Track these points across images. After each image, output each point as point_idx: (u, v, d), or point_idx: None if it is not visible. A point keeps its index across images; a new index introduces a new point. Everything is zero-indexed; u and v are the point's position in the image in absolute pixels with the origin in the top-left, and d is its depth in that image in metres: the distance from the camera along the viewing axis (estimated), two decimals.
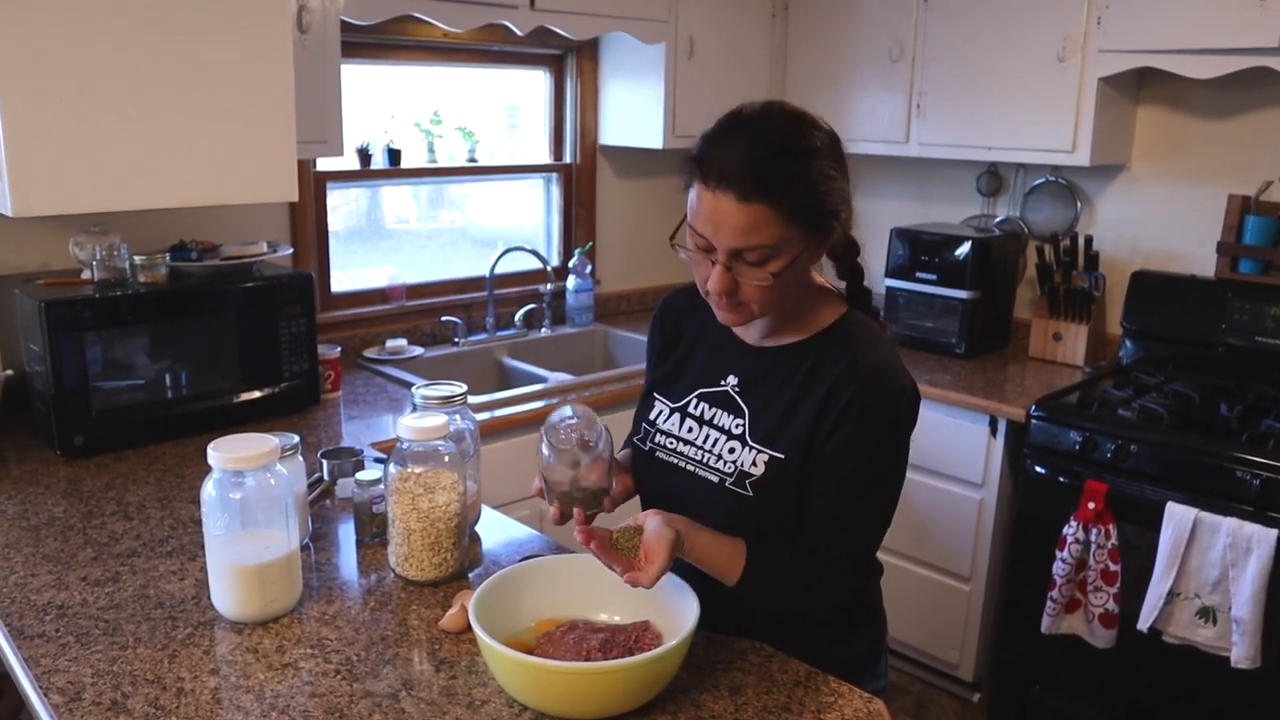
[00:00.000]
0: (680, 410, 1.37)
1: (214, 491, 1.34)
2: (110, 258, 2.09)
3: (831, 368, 1.25)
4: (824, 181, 1.17)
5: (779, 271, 1.18)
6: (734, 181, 1.13)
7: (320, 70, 2.25)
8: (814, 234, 1.19)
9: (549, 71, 3.31)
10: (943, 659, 2.93)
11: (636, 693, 1.14)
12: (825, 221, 1.19)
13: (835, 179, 1.19)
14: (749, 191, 1.13)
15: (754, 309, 1.23)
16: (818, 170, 1.17)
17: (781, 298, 1.23)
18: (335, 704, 1.18)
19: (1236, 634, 2.17)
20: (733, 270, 1.19)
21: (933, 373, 2.89)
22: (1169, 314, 2.81)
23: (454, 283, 3.15)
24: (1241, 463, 2.22)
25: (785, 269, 1.18)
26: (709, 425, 1.33)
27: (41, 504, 1.78)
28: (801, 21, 3.35)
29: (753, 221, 1.14)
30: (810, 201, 1.16)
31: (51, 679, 1.24)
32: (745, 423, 1.30)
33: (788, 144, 1.17)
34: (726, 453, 1.30)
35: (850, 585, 1.32)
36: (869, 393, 1.22)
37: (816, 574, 1.25)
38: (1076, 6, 2.68)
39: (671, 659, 1.15)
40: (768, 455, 1.27)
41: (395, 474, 1.44)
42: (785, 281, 1.20)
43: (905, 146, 3.14)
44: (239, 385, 2.22)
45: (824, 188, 1.17)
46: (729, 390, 1.33)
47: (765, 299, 1.21)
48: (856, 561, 1.30)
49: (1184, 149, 2.88)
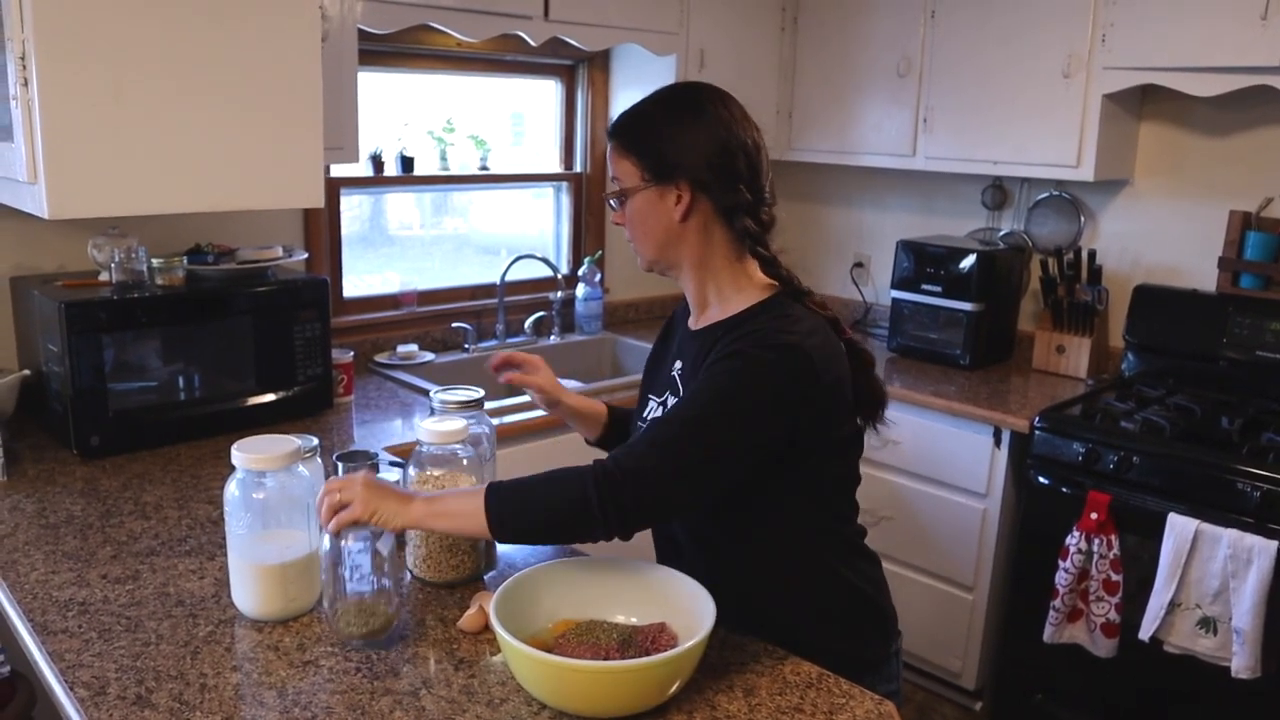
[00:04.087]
0: (661, 404, 1.47)
1: (237, 491, 1.36)
2: (128, 260, 2.12)
3: (726, 341, 1.32)
4: (660, 129, 1.37)
5: (621, 202, 1.39)
6: (609, 128, 1.43)
7: (337, 78, 2.28)
8: (648, 175, 1.36)
9: (560, 81, 3.35)
10: (945, 667, 2.95)
11: (653, 692, 1.17)
12: (658, 164, 1.35)
13: (679, 131, 1.35)
14: (610, 133, 1.42)
15: (635, 247, 1.43)
16: (658, 119, 1.38)
17: (645, 237, 1.40)
18: (356, 701, 1.20)
19: (1237, 644, 2.20)
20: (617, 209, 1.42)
21: (937, 384, 2.92)
22: (1171, 328, 2.84)
23: (465, 289, 3.18)
24: (1242, 475, 2.25)
25: (627, 200, 1.38)
26: (664, 409, 1.44)
27: (60, 503, 1.81)
28: (810, 35, 3.39)
29: (611, 157, 1.41)
30: (640, 140, 1.37)
31: (76, 673, 1.26)
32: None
33: (646, 101, 1.41)
34: None
35: (638, 491, 1.22)
36: (728, 350, 1.29)
37: (589, 474, 1.22)
38: (1081, 24, 2.72)
39: (687, 659, 1.17)
40: None
41: (414, 477, 1.46)
42: (640, 219, 1.38)
43: (912, 160, 3.17)
44: (253, 388, 2.25)
45: (656, 134, 1.36)
46: (674, 374, 1.45)
47: (633, 233, 1.41)
48: (644, 469, 1.22)
49: (1186, 165, 2.91)
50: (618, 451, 1.27)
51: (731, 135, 1.35)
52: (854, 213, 3.66)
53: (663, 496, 1.24)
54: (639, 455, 1.24)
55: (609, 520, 1.22)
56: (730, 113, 1.37)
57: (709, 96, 1.38)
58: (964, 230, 3.39)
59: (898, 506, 2.94)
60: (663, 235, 1.38)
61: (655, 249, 1.40)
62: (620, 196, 1.39)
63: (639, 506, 1.23)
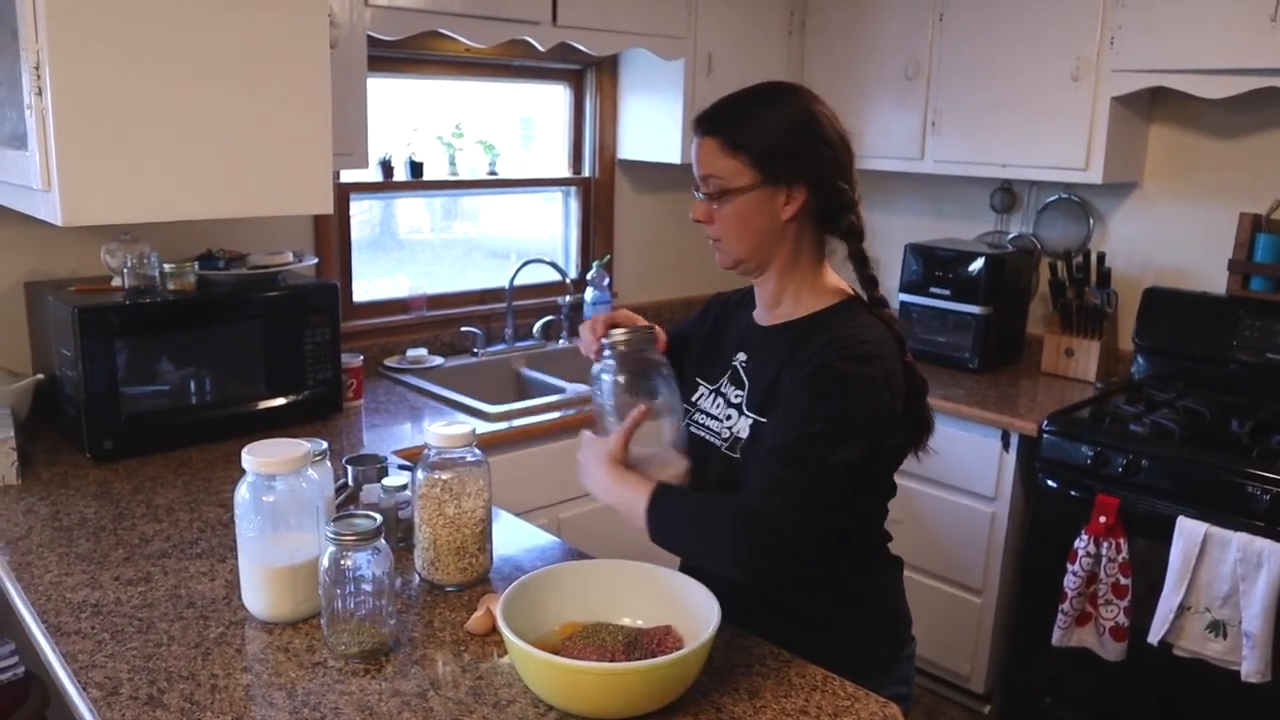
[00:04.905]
0: (715, 391, 1.47)
1: (247, 494, 1.37)
2: (140, 266, 2.14)
3: (810, 342, 1.34)
4: (775, 130, 1.34)
5: (725, 199, 1.35)
6: (699, 122, 1.39)
7: (347, 84, 2.30)
8: (761, 175, 1.33)
9: (569, 86, 3.36)
10: (954, 670, 2.94)
11: (659, 693, 1.18)
12: (778, 161, 1.33)
13: (793, 132, 1.34)
14: (705, 128, 1.37)
15: (727, 246, 1.39)
16: (771, 119, 1.34)
17: (741, 237, 1.37)
18: (365, 702, 1.22)
19: (1247, 648, 2.19)
20: (706, 202, 1.38)
21: (946, 387, 2.92)
22: (1181, 330, 2.83)
23: (473, 294, 3.19)
24: (1252, 478, 2.24)
25: (731, 199, 1.34)
26: (722, 397, 1.45)
27: (73, 505, 1.83)
28: (818, 39, 3.39)
29: (708, 153, 1.36)
30: (753, 139, 1.33)
31: (89, 674, 1.27)
32: (744, 393, 1.41)
33: (745, 97, 1.38)
34: (726, 420, 1.42)
35: (787, 529, 1.24)
36: (821, 354, 1.30)
37: (738, 513, 1.24)
38: (1090, 26, 2.72)
39: (693, 661, 1.18)
40: (752, 420, 1.37)
41: (422, 480, 1.47)
42: (741, 218, 1.35)
43: (920, 163, 3.17)
44: (264, 392, 2.27)
45: (773, 134, 1.33)
46: (737, 365, 1.45)
47: (725, 232, 1.37)
48: (788, 506, 1.24)
49: (1196, 168, 2.90)
50: (758, 503, 1.24)
51: (837, 134, 1.37)
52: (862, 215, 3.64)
53: (799, 545, 1.26)
54: (779, 514, 1.23)
55: (750, 571, 1.25)
56: (829, 110, 1.38)
57: (809, 95, 1.38)
58: (972, 233, 3.39)
59: (906, 510, 2.94)
60: (762, 235, 1.37)
61: (750, 249, 1.38)
62: (721, 196, 1.35)
63: (778, 561, 1.25)
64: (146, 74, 1.63)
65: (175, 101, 1.66)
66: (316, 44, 1.80)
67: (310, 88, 1.80)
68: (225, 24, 1.69)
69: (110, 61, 1.59)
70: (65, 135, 1.56)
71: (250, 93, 1.73)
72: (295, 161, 1.79)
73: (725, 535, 1.24)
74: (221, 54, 1.70)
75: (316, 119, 1.81)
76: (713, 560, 1.28)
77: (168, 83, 1.65)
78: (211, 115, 1.70)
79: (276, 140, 1.77)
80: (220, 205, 1.75)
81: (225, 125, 1.72)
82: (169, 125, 1.66)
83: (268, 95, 1.75)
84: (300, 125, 1.80)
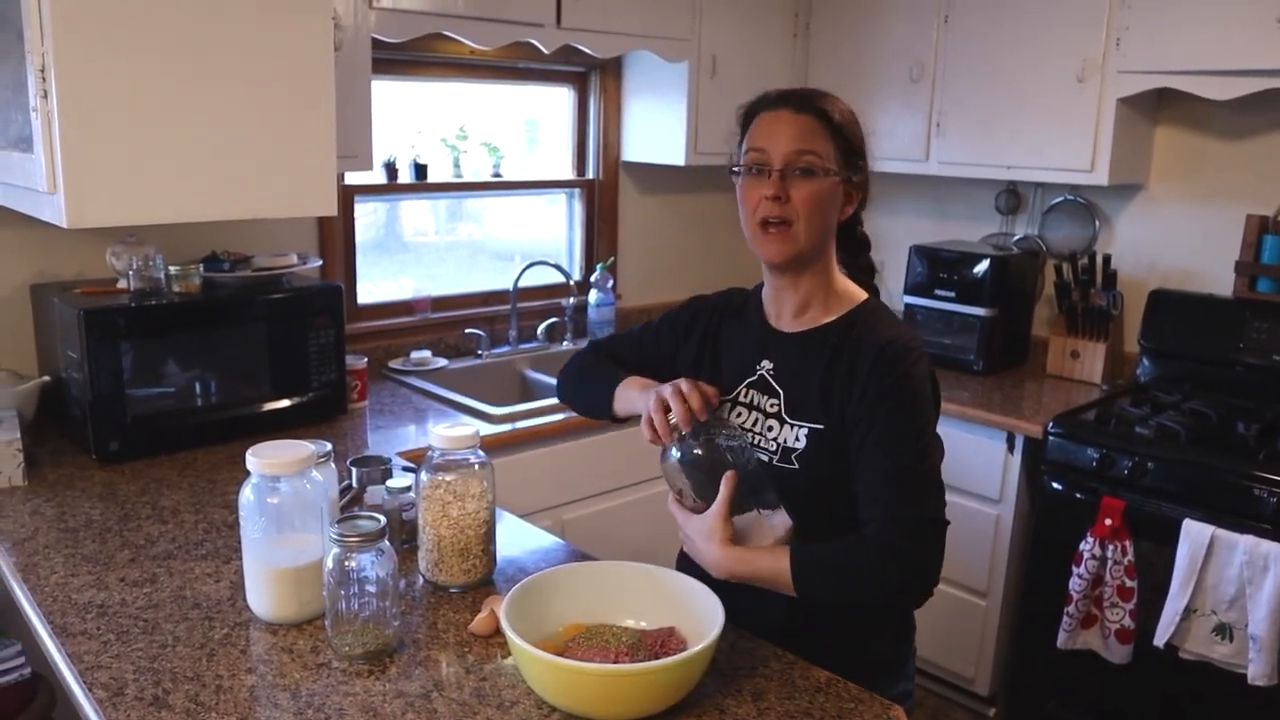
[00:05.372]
0: (733, 400, 1.45)
1: (252, 496, 1.38)
2: (146, 268, 2.15)
3: (856, 344, 1.35)
4: (856, 134, 1.37)
5: (815, 178, 1.32)
6: (790, 99, 1.36)
7: (351, 86, 2.30)
8: (847, 167, 1.36)
9: (573, 88, 3.37)
10: (959, 673, 2.94)
11: (663, 695, 1.17)
12: (855, 158, 1.37)
13: (863, 135, 1.39)
14: (802, 105, 1.34)
15: (800, 230, 1.33)
16: (850, 123, 1.37)
17: (820, 222, 1.34)
18: (369, 703, 1.22)
19: (1253, 651, 2.18)
20: (785, 182, 1.32)
21: (951, 389, 2.91)
22: (1187, 332, 2.83)
23: (477, 296, 3.20)
24: (1259, 481, 2.23)
25: (820, 180, 1.32)
26: (754, 409, 1.42)
27: (79, 507, 1.83)
28: (822, 41, 3.39)
29: (805, 129, 1.33)
30: (845, 129, 1.35)
31: (95, 675, 1.27)
32: (780, 402, 1.39)
33: (825, 93, 1.40)
34: (767, 431, 1.39)
35: (930, 553, 1.29)
36: (886, 365, 1.31)
37: (882, 552, 1.27)
38: (1096, 28, 2.71)
39: (697, 663, 1.18)
40: (807, 428, 1.35)
41: (426, 482, 1.47)
42: (821, 202, 1.33)
43: (925, 165, 3.17)
44: (268, 394, 2.27)
45: (854, 125, 1.37)
46: (764, 374, 1.43)
47: (810, 215, 1.32)
48: (922, 529, 1.29)
49: (1202, 169, 2.90)
50: (899, 540, 1.27)
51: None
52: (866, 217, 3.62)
53: (942, 559, 1.31)
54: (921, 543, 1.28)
55: (913, 603, 1.35)
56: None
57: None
58: (977, 235, 3.38)
59: None
60: (827, 227, 1.38)
61: (818, 237, 1.36)
62: (812, 174, 1.33)
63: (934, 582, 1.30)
64: (151, 76, 1.63)
65: (180, 103, 1.67)
66: (321, 46, 1.81)
67: (314, 90, 1.80)
68: (229, 26, 1.70)
69: (115, 64, 1.60)
70: (70, 138, 1.57)
71: (254, 95, 1.74)
72: (299, 163, 1.80)
73: (878, 581, 1.28)
74: (226, 56, 1.70)
75: (321, 121, 1.82)
76: (869, 602, 1.34)
77: (172, 85, 1.66)
78: (216, 117, 1.71)
79: (281, 142, 1.78)
80: (225, 207, 1.76)
81: (230, 127, 1.72)
82: (174, 127, 1.67)
83: (272, 97, 1.76)
84: (305, 127, 1.80)
